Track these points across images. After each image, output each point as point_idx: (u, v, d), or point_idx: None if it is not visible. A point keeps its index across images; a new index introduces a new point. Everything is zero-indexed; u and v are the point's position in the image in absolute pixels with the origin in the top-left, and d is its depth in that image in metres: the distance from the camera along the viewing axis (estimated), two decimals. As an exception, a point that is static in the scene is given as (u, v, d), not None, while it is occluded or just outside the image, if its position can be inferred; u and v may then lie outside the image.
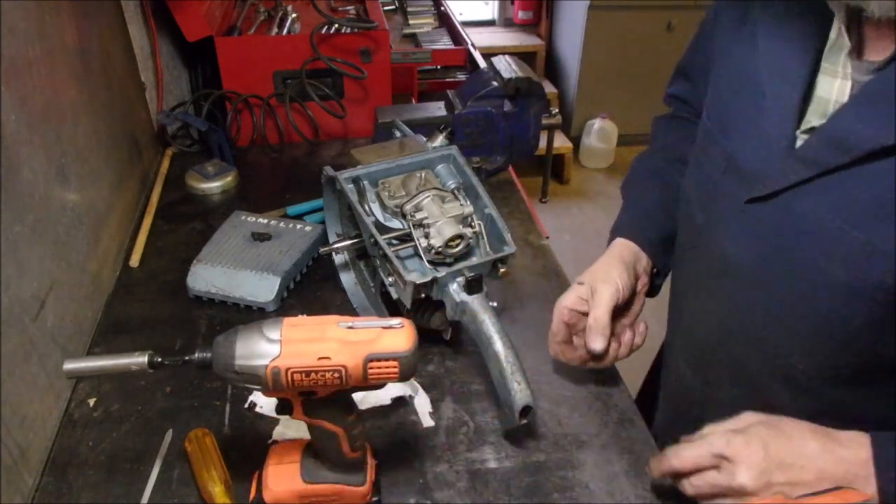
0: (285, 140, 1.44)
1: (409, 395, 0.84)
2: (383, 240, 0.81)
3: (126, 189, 1.16)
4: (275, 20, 1.55)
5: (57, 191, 0.87)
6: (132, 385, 0.86)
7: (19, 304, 0.74)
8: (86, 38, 1.02)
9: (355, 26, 1.44)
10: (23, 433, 0.73)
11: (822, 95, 0.65)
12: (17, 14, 0.79)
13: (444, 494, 0.73)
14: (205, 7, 1.39)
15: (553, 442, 0.80)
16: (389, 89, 1.50)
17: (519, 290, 1.03)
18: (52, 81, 0.89)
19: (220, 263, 0.99)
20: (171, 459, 0.76)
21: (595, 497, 0.73)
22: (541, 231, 1.21)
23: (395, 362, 0.59)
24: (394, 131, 1.06)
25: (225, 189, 1.28)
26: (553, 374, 0.88)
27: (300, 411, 0.63)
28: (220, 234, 1.06)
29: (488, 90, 1.23)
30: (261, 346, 0.57)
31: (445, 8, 2.55)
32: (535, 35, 3.85)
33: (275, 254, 1.02)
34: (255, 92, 1.41)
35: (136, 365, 0.59)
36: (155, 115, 1.38)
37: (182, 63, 1.59)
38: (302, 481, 0.68)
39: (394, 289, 0.83)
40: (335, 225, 0.98)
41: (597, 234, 3.19)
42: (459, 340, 0.93)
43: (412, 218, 0.83)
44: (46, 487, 0.74)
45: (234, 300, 0.98)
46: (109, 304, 1.00)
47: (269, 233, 1.05)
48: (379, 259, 0.84)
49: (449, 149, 0.92)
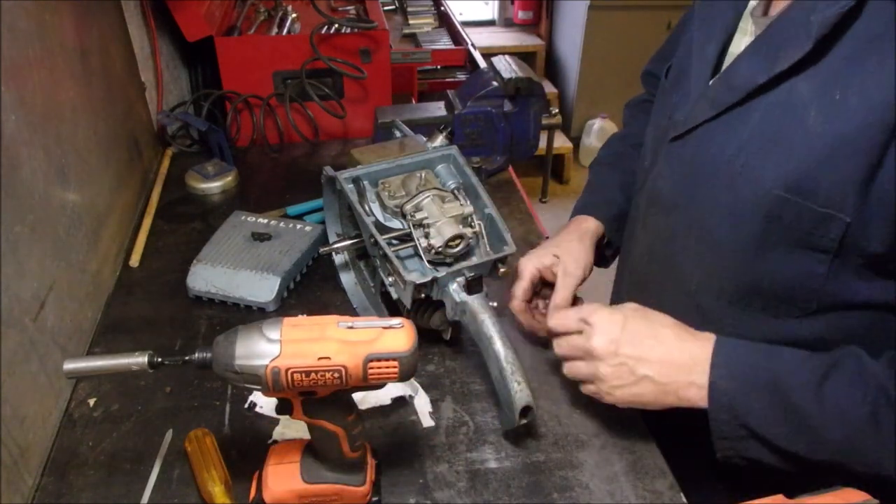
0: (285, 140, 1.44)
1: (409, 395, 0.84)
2: (383, 240, 0.81)
3: (126, 189, 1.16)
4: (275, 20, 1.55)
5: (57, 191, 0.87)
6: (132, 385, 0.86)
7: (19, 304, 0.74)
8: (86, 38, 1.02)
9: (355, 26, 1.44)
10: (23, 433, 0.73)
11: (732, 51, 0.75)
12: (17, 14, 0.79)
13: (444, 494, 0.73)
14: (205, 7, 1.39)
15: (553, 442, 0.80)
16: (389, 89, 1.50)
17: (519, 290, 1.03)
18: (52, 81, 0.89)
19: (221, 263, 0.99)
20: (171, 459, 0.76)
21: (595, 497, 0.73)
22: (541, 231, 1.21)
23: (395, 362, 0.59)
24: (394, 131, 1.06)
25: (225, 189, 1.28)
26: (553, 374, 0.88)
27: (300, 411, 0.63)
28: (220, 234, 1.06)
29: (488, 90, 1.23)
30: (261, 346, 0.57)
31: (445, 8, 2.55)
32: (535, 35, 3.85)
33: (275, 254, 1.02)
34: (255, 92, 1.41)
35: (136, 365, 0.59)
36: (155, 115, 1.38)
37: (182, 63, 1.59)
38: (302, 481, 0.68)
39: (394, 289, 0.83)
40: (335, 225, 0.98)
41: (597, 234, 3.21)
42: (459, 340, 0.93)
43: (412, 218, 0.83)
44: (46, 487, 0.74)
45: (234, 300, 0.98)
46: (109, 304, 1.00)
47: (269, 233, 1.05)
48: (379, 259, 0.84)
49: (449, 149, 0.92)
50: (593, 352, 0.72)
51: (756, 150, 0.68)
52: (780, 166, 0.66)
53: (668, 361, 0.69)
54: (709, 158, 0.73)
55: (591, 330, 0.72)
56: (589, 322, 0.73)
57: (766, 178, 0.67)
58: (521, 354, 0.91)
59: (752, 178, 0.68)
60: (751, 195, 0.68)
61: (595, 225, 0.96)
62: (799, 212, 0.65)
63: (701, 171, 0.75)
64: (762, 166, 0.67)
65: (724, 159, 0.71)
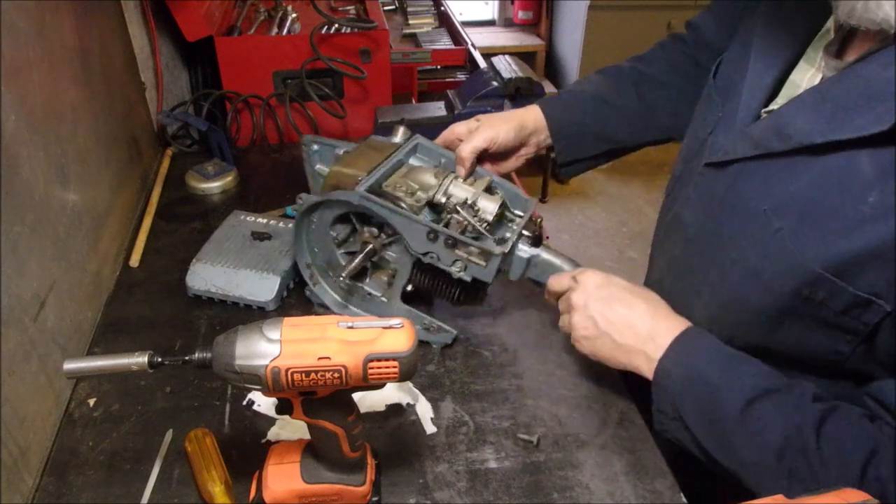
0: (285, 140, 1.44)
1: (409, 402, 0.84)
2: (447, 231, 0.81)
3: (126, 189, 1.16)
4: (275, 20, 1.55)
5: (57, 191, 0.87)
6: (132, 385, 0.86)
7: (19, 304, 0.74)
8: (86, 38, 1.02)
9: (355, 26, 1.45)
10: (23, 433, 0.73)
11: (794, 80, 0.68)
12: (17, 14, 0.79)
13: (444, 494, 0.73)
14: (205, 7, 1.39)
15: (553, 442, 0.80)
16: (389, 89, 1.50)
17: (518, 291, 1.03)
18: (52, 81, 0.88)
19: (220, 263, 0.99)
20: (171, 459, 0.76)
21: (595, 497, 0.73)
22: (541, 231, 1.21)
23: (395, 362, 0.59)
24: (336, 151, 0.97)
25: (225, 189, 1.28)
26: (553, 374, 0.89)
27: (300, 411, 0.63)
28: (219, 233, 1.06)
29: (488, 90, 1.24)
30: (261, 346, 0.57)
31: (445, 8, 2.55)
32: (535, 35, 3.84)
33: (274, 253, 1.02)
34: (255, 92, 1.41)
35: (136, 365, 0.59)
36: (155, 115, 1.38)
37: (182, 63, 1.59)
38: (302, 481, 0.68)
39: (464, 273, 0.83)
40: (305, 255, 0.94)
41: (596, 233, 3.20)
42: (459, 340, 0.93)
43: (449, 204, 0.85)
44: (46, 487, 0.74)
45: (233, 299, 0.98)
46: (109, 304, 1.00)
47: (269, 232, 1.05)
48: (441, 252, 0.82)
49: (415, 138, 0.95)
50: (571, 304, 0.78)
51: (799, 217, 0.62)
52: (824, 243, 0.59)
53: (628, 326, 0.74)
54: (743, 204, 0.68)
55: (576, 286, 0.79)
56: (577, 280, 0.80)
57: (805, 252, 0.61)
58: (521, 354, 0.92)
59: (788, 246, 0.62)
60: (784, 264, 0.62)
61: (537, 116, 0.97)
62: (835, 292, 0.60)
63: (732, 215, 0.69)
64: (803, 237, 0.61)
65: (760, 212, 0.65)
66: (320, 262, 0.94)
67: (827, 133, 0.59)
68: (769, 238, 0.64)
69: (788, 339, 0.66)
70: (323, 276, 0.94)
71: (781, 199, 0.63)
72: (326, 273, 0.94)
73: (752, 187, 0.67)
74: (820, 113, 0.60)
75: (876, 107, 0.56)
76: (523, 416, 0.83)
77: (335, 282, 0.94)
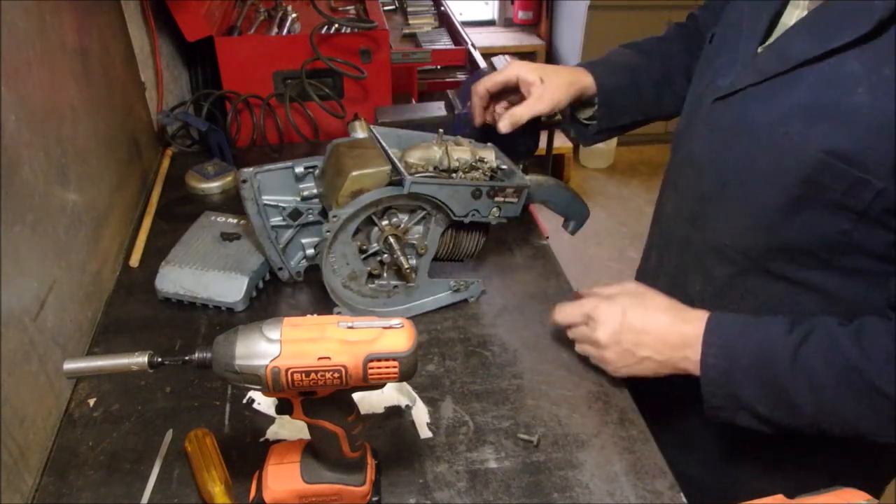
0: (285, 140, 1.44)
1: (407, 405, 0.84)
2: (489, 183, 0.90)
3: (126, 189, 1.16)
4: (275, 20, 1.55)
5: (57, 191, 0.87)
6: (132, 385, 0.86)
7: (19, 304, 0.74)
8: (86, 37, 1.02)
9: (355, 26, 1.44)
10: (23, 433, 0.73)
11: (784, 21, 0.79)
12: (17, 14, 0.79)
13: (444, 494, 0.73)
14: (205, 7, 1.39)
15: (553, 442, 0.80)
16: (389, 89, 1.50)
17: (518, 290, 1.03)
18: (52, 81, 0.89)
19: (189, 264, 0.98)
20: (171, 459, 0.76)
21: (595, 497, 0.73)
22: (541, 231, 1.21)
23: (395, 362, 0.59)
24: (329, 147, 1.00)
25: (225, 189, 1.28)
26: (553, 374, 0.89)
27: (300, 411, 0.63)
28: (189, 235, 1.04)
29: (488, 90, 1.23)
30: (261, 346, 0.57)
31: (445, 8, 2.54)
32: (535, 35, 3.85)
33: (243, 254, 1.00)
34: (255, 92, 1.41)
35: (136, 365, 0.59)
36: (155, 115, 1.38)
37: (182, 63, 1.59)
38: (302, 481, 0.68)
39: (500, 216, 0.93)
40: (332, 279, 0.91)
41: (596, 233, 3.20)
42: (460, 339, 0.93)
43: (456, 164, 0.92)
44: (46, 487, 0.74)
45: (202, 301, 0.97)
46: (109, 305, 1.00)
47: (238, 232, 1.04)
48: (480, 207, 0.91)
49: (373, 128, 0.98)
50: (599, 342, 0.82)
51: (801, 119, 0.71)
52: (825, 136, 0.69)
53: (662, 342, 0.79)
54: (750, 122, 0.77)
55: (595, 324, 0.82)
56: (592, 317, 0.83)
57: (809, 146, 0.70)
58: (521, 354, 0.92)
59: (794, 144, 0.71)
60: (793, 159, 0.72)
61: (589, 82, 1.03)
62: (838, 175, 0.69)
63: (741, 134, 0.78)
64: (806, 135, 0.71)
65: (767, 124, 0.74)
66: (341, 279, 0.92)
67: (821, 46, 0.69)
68: (778, 141, 0.73)
69: (804, 229, 0.75)
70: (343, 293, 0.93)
71: (783, 110, 0.73)
72: (348, 287, 0.93)
73: (759, 108, 0.76)
74: (812, 32, 0.72)
75: (860, 16, 0.67)
76: (523, 416, 0.83)
77: (357, 291, 0.94)
